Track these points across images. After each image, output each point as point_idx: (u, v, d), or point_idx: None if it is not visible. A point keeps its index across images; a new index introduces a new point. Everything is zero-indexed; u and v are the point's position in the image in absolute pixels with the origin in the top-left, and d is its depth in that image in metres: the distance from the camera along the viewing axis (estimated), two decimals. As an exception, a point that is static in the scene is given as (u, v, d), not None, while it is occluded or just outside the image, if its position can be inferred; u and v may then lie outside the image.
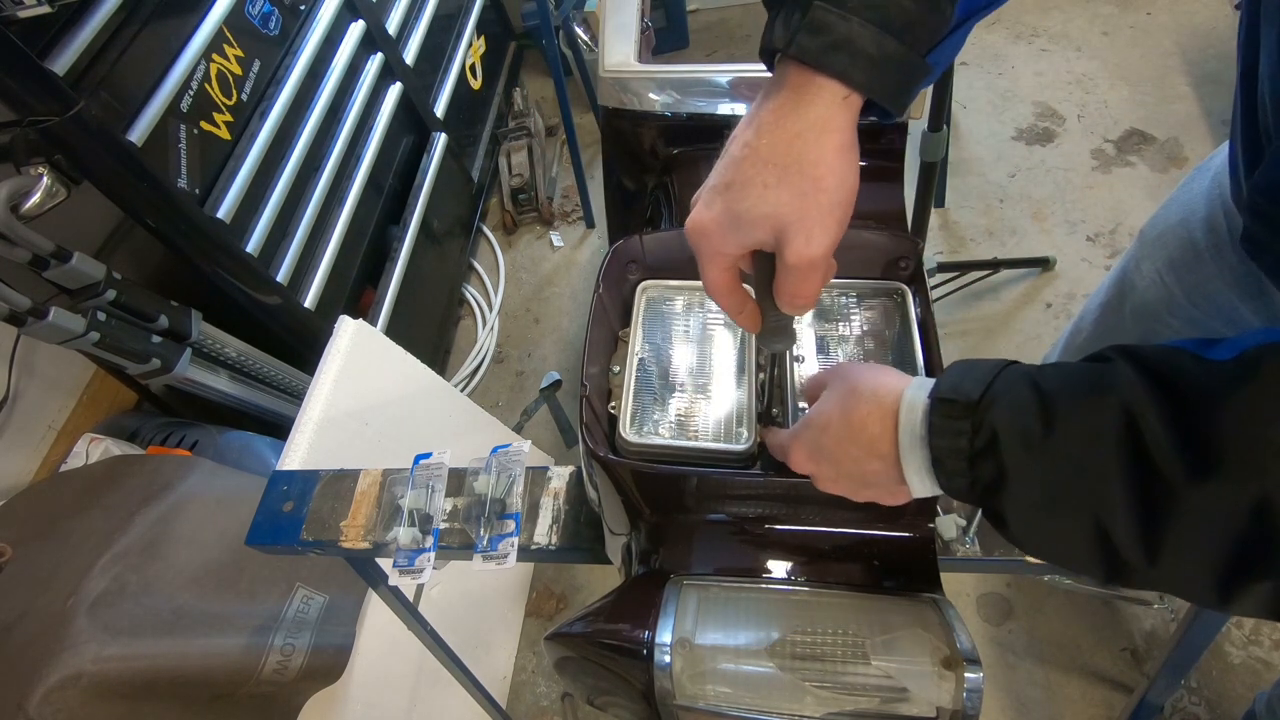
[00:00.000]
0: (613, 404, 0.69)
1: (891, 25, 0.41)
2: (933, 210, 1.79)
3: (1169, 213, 0.91)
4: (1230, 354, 0.36)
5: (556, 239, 2.33)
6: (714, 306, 0.74)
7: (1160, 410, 0.36)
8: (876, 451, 0.46)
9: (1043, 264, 1.91)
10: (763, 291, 0.50)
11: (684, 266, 0.76)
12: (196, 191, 1.28)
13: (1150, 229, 0.96)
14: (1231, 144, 0.69)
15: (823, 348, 0.71)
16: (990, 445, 0.40)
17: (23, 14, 1.00)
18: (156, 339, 1.38)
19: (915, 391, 0.45)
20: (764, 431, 0.61)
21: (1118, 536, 0.37)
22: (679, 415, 0.68)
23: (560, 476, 0.78)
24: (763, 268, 0.49)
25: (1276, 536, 0.33)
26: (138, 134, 1.16)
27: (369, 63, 1.78)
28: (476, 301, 2.23)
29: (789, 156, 0.43)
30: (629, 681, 0.55)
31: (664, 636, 0.53)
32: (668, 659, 0.52)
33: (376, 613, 1.10)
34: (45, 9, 1.01)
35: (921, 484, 0.45)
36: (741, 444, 0.63)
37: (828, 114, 0.42)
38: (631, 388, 0.67)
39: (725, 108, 0.96)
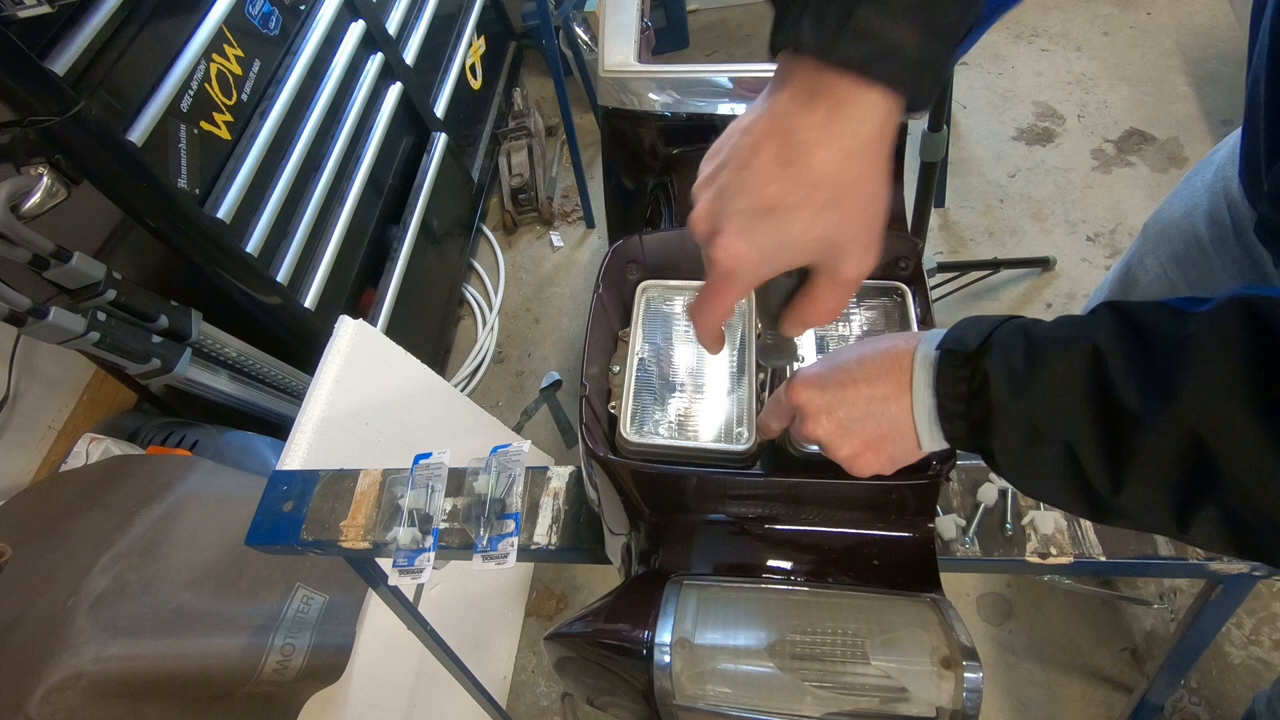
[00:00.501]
0: (613, 404, 0.69)
1: (937, 26, 0.39)
2: (933, 210, 1.79)
3: (1172, 207, 0.91)
4: (1210, 307, 0.39)
5: (556, 239, 2.33)
6: (714, 306, 0.74)
7: (1127, 349, 0.40)
8: (897, 370, 0.48)
9: (1043, 264, 1.91)
10: (768, 310, 0.49)
11: (684, 266, 0.76)
12: (196, 191, 1.28)
13: (1153, 223, 0.96)
14: (1246, 131, 0.67)
15: (823, 348, 0.71)
16: (982, 387, 0.44)
17: (23, 14, 1.00)
18: (156, 339, 1.38)
19: (927, 346, 0.48)
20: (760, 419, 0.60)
21: (1087, 465, 0.41)
22: (679, 415, 0.68)
23: (560, 476, 0.78)
24: (778, 289, 0.47)
25: (1212, 467, 0.37)
26: (138, 134, 1.16)
27: (369, 63, 1.78)
28: (476, 301, 2.23)
29: (842, 176, 0.40)
30: (629, 681, 0.55)
31: (664, 636, 0.53)
32: (667, 659, 0.52)
33: (376, 613, 1.10)
34: (45, 9, 1.01)
35: (928, 432, 0.47)
36: (741, 444, 0.63)
37: (878, 128, 0.40)
38: (631, 388, 0.67)
39: (725, 108, 0.96)
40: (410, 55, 1.95)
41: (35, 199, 1.09)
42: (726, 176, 0.43)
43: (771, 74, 0.43)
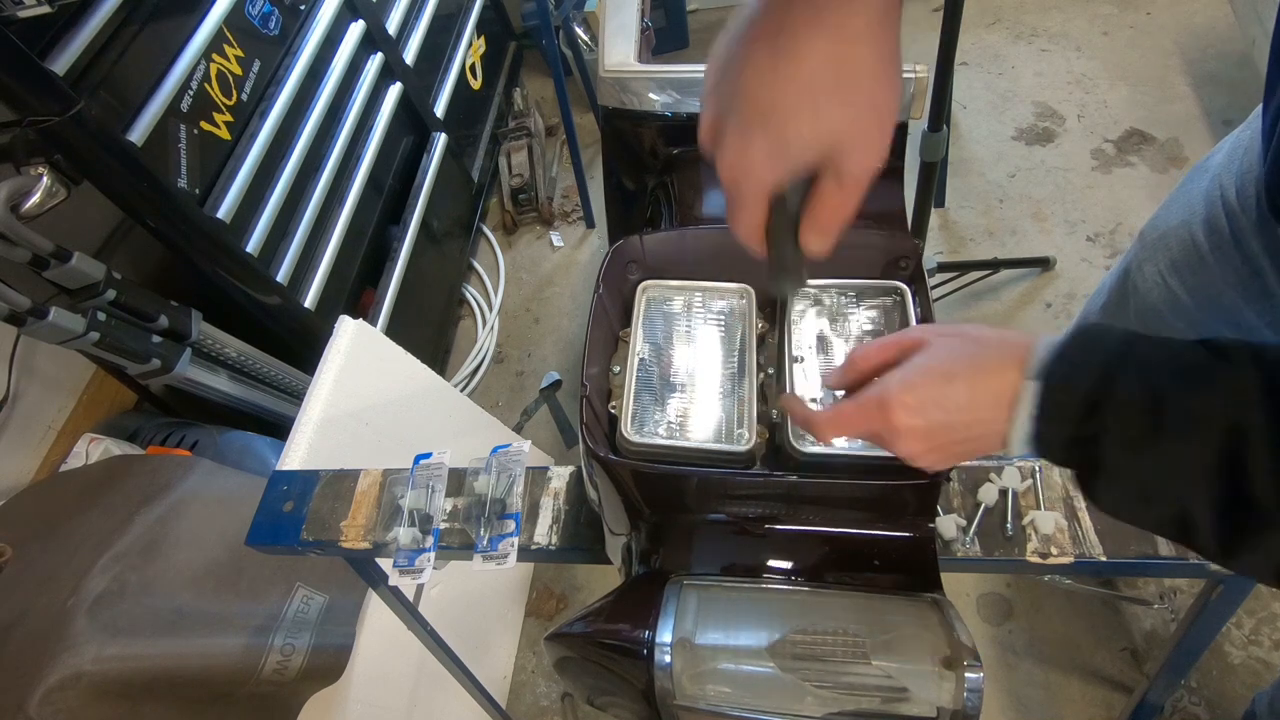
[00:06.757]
0: (613, 404, 0.69)
1: None
2: (933, 210, 1.79)
3: (1169, 214, 0.91)
4: None
5: (556, 239, 2.32)
6: (715, 306, 0.74)
7: (1270, 438, 0.36)
8: (1004, 401, 0.44)
9: (1043, 264, 1.91)
10: (782, 230, 0.47)
11: (684, 266, 0.76)
12: (196, 191, 1.28)
13: (1151, 230, 0.95)
14: (1266, 116, 0.65)
15: (823, 348, 0.71)
16: (1093, 439, 0.40)
17: (23, 14, 1.00)
18: (156, 339, 1.38)
19: (1037, 364, 0.43)
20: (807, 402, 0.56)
21: (1199, 536, 0.39)
22: (679, 415, 0.68)
23: (560, 476, 0.78)
24: (792, 198, 0.46)
25: None
26: (138, 134, 1.16)
27: (369, 63, 1.78)
28: (476, 301, 2.23)
29: (837, 70, 0.38)
30: (629, 681, 0.55)
31: (664, 636, 0.53)
32: (668, 659, 0.52)
33: (376, 613, 1.10)
34: (45, 9, 1.01)
35: (1020, 448, 0.45)
36: (741, 444, 0.63)
37: (876, 13, 0.38)
38: (631, 388, 0.67)
39: (725, 108, 0.96)
40: (410, 55, 1.95)
41: (35, 199, 1.09)
42: (723, 87, 0.42)
43: None
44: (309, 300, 1.54)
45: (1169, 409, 0.38)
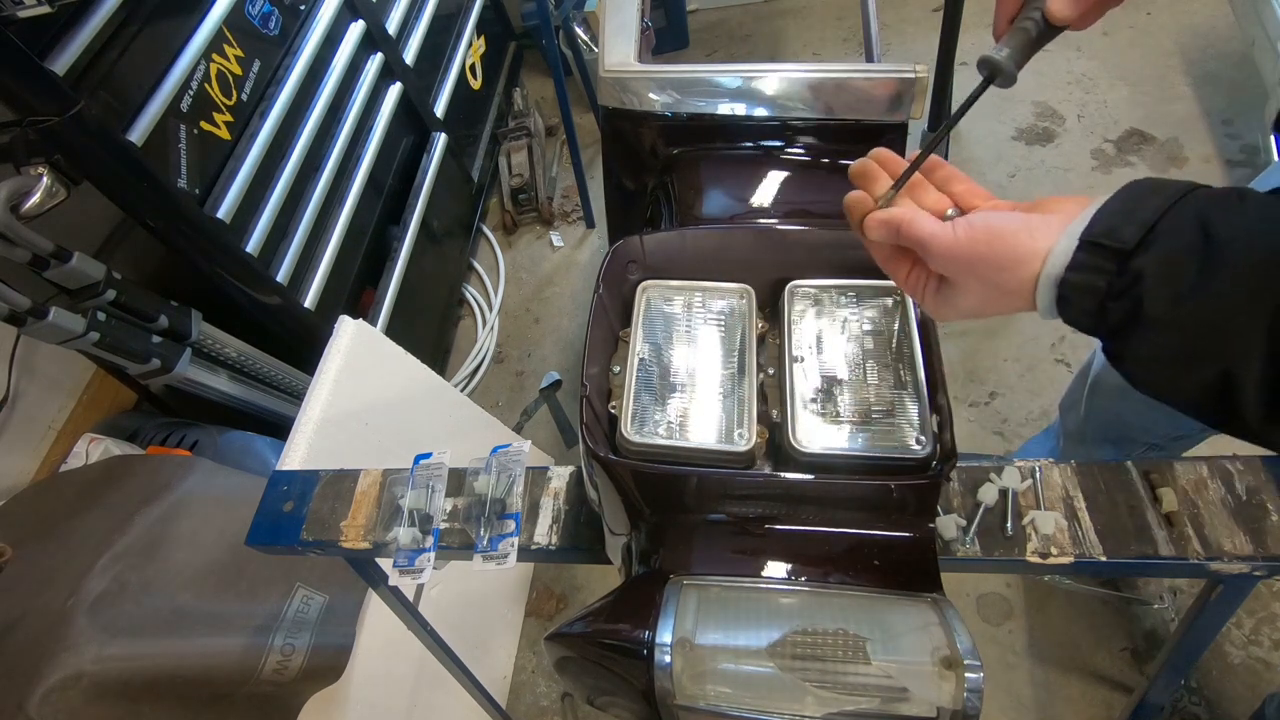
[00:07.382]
0: (613, 404, 0.69)
1: None
2: (933, 210, 1.79)
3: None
4: None
5: (556, 239, 2.33)
6: (715, 306, 0.74)
7: None
8: (1021, 296, 0.45)
9: (1043, 264, 1.90)
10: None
11: (684, 266, 0.76)
12: (196, 191, 1.28)
13: None
14: None
15: (820, 349, 0.71)
16: (1131, 288, 0.37)
17: (23, 14, 1.00)
18: (156, 339, 1.38)
19: (1068, 241, 0.41)
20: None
21: (1244, 397, 0.36)
22: (679, 415, 0.68)
23: (560, 476, 0.78)
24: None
25: None
26: (138, 134, 1.16)
27: (369, 63, 1.78)
28: (476, 301, 2.23)
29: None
30: (629, 681, 0.55)
31: (664, 636, 0.53)
32: (668, 659, 0.52)
33: (376, 613, 1.10)
34: (45, 9, 1.01)
35: (1047, 311, 0.44)
36: (741, 444, 0.63)
37: None
38: (632, 388, 0.67)
39: (725, 108, 0.96)
40: (410, 55, 1.95)
41: (35, 199, 1.09)
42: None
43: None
44: (309, 300, 1.54)
45: (1226, 257, 0.34)
